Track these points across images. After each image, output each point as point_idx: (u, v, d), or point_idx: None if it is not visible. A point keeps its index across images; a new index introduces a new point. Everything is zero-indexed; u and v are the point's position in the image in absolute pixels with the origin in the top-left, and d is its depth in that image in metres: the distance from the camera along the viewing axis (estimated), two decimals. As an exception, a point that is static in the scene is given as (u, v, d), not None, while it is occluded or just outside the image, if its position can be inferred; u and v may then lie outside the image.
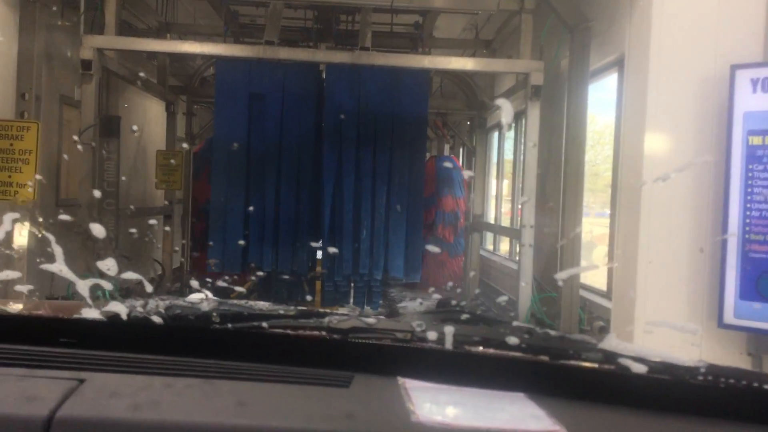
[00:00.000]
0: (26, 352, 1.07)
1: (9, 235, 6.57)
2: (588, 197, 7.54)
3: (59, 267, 1.25)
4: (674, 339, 4.67)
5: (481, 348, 1.20)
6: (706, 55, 4.67)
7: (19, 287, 1.52)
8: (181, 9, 9.72)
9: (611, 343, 1.16)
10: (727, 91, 4.50)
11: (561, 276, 5.04)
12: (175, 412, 0.92)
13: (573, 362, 1.16)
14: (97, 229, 1.60)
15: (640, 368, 1.09)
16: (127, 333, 1.17)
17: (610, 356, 1.14)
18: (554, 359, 1.16)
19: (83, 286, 1.22)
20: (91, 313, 1.17)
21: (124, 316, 1.16)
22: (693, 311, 4.75)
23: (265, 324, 1.23)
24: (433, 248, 8.74)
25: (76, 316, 1.18)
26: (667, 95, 4.78)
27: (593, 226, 7.97)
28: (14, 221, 1.29)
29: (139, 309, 1.24)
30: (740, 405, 1.04)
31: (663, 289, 4.77)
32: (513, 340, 1.18)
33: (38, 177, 6.34)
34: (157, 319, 1.19)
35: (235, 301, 1.50)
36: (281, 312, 1.30)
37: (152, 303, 1.32)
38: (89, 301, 1.25)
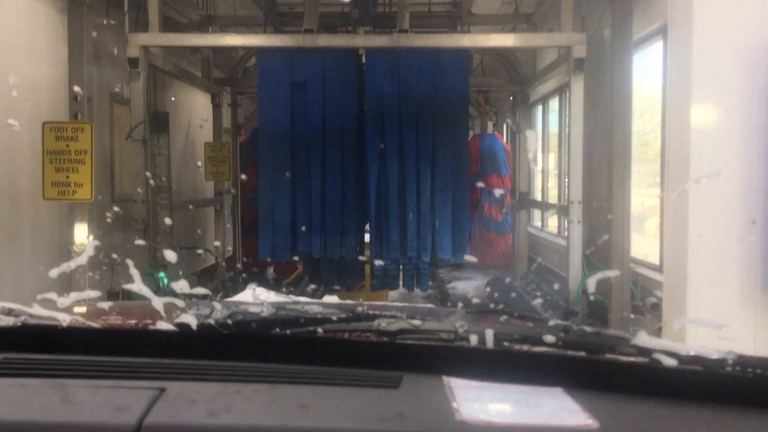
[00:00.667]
0: (111, 363, 1.18)
1: (72, 233, 6.87)
2: (638, 167, 7.43)
3: (138, 287, 1.36)
4: (727, 309, 4.63)
5: (520, 346, 1.26)
6: (752, 22, 4.55)
7: (89, 293, 1.64)
8: (221, 1, 9.87)
9: (643, 338, 1.21)
10: (775, 59, 4.39)
11: (590, 284, 5.04)
12: (246, 417, 1.01)
13: (607, 357, 1.22)
14: (170, 255, 1.71)
15: (671, 361, 1.14)
16: (197, 342, 1.27)
17: (643, 350, 1.19)
18: (589, 354, 1.22)
19: (158, 303, 1.33)
20: (163, 324, 1.28)
21: (194, 326, 1.27)
22: (746, 284, 4.69)
23: (319, 329, 1.31)
24: (480, 228, 8.77)
25: (151, 327, 1.29)
26: (713, 64, 4.68)
27: (645, 197, 7.85)
28: (89, 237, 1.40)
29: (206, 317, 1.34)
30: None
31: (715, 262, 4.71)
32: (550, 337, 1.23)
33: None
34: (223, 327, 1.29)
35: (292, 305, 1.59)
36: (333, 317, 1.38)
37: (217, 310, 1.42)
38: (160, 308, 1.36)
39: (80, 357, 1.21)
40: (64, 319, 1.28)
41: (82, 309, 1.61)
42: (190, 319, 1.26)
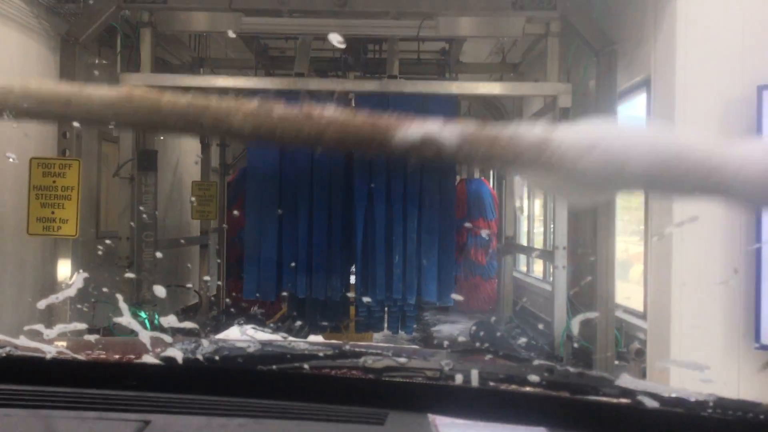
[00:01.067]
0: (96, 395, 1.18)
1: (55, 269, 6.81)
2: (623, 215, 7.52)
3: (127, 320, 1.36)
4: (710, 355, 4.64)
5: (505, 385, 1.27)
6: (733, 76, 4.69)
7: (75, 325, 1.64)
8: (213, 44, 10.00)
9: (626, 379, 1.22)
10: (755, 112, 4.51)
11: (575, 325, 5.08)
12: None
13: (591, 397, 1.23)
14: (159, 290, 1.71)
15: (653, 403, 1.15)
16: (183, 376, 1.27)
17: (626, 392, 1.21)
18: (573, 395, 1.23)
19: (145, 336, 1.33)
20: (149, 358, 1.28)
21: (180, 360, 1.27)
22: (729, 332, 4.73)
23: (305, 365, 1.32)
24: (466, 271, 8.78)
25: (136, 360, 1.29)
26: (694, 116, 4.80)
27: (629, 244, 7.92)
28: (78, 271, 1.41)
29: (192, 352, 1.35)
30: None
31: (698, 310, 4.75)
32: (534, 377, 1.25)
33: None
34: (209, 362, 1.29)
35: (279, 341, 1.59)
36: (320, 353, 1.39)
37: (203, 345, 1.43)
38: (146, 342, 1.36)
39: (65, 389, 1.20)
40: (49, 351, 1.28)
41: (68, 342, 1.60)
42: (176, 353, 1.26)
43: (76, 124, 1.46)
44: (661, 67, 5.25)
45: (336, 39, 1.45)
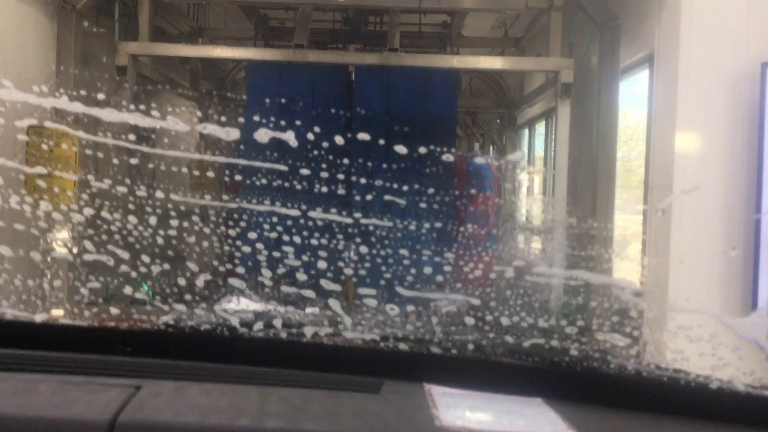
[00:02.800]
0: (86, 360, 1.16)
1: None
2: (622, 193, 7.49)
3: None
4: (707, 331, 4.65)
5: (501, 355, 1.26)
6: (736, 52, 4.63)
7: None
8: (212, 14, 9.88)
9: (622, 351, 1.21)
10: (759, 88, 4.47)
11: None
12: (223, 416, 1.00)
13: (588, 369, 1.22)
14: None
15: (652, 375, 1.14)
16: (176, 342, 1.26)
17: (624, 364, 1.19)
18: (570, 366, 1.22)
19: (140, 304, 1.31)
20: (141, 325, 1.26)
21: (172, 327, 1.25)
22: (726, 311, 4.73)
23: (301, 332, 1.31)
24: (465, 246, 8.77)
25: (128, 327, 1.27)
26: (698, 92, 4.75)
27: (628, 222, 7.91)
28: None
29: (185, 319, 1.33)
30: (749, 409, 1.09)
31: (696, 289, 4.75)
32: (531, 348, 1.23)
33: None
34: (201, 329, 1.28)
35: (273, 310, 1.58)
36: (316, 322, 1.38)
37: (196, 312, 1.41)
38: (139, 308, 1.34)
39: (53, 353, 1.18)
40: (39, 316, 1.26)
41: (60, 308, 1.59)
42: (170, 320, 1.25)
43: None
44: (665, 43, 5.18)
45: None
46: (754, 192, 4.54)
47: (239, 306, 1.59)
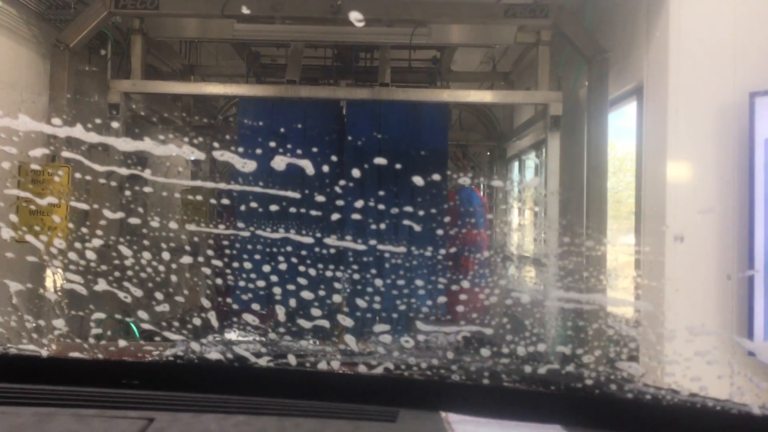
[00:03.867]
0: (97, 393, 1.14)
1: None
2: (612, 224, 7.53)
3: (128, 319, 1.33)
4: (704, 369, 4.63)
5: (518, 381, 1.25)
6: (725, 82, 4.71)
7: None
8: (204, 51, 9.96)
9: (638, 378, 1.20)
10: (748, 119, 4.53)
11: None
12: None
13: (605, 394, 1.21)
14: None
15: (668, 400, 1.13)
16: (187, 374, 1.24)
17: (640, 389, 1.19)
18: (587, 392, 1.21)
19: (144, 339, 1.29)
20: (151, 357, 1.25)
21: (183, 359, 1.23)
22: (721, 339, 4.72)
23: (312, 362, 1.29)
24: (457, 280, 8.75)
25: (138, 360, 1.25)
26: (687, 123, 4.82)
27: (618, 253, 7.93)
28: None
29: (196, 351, 1.31)
30: None
31: (690, 317, 4.74)
32: (548, 374, 1.22)
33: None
34: (213, 360, 1.26)
35: (283, 341, 1.56)
36: (326, 352, 1.36)
37: (206, 344, 1.39)
38: (143, 342, 1.32)
39: (64, 387, 1.16)
40: (46, 350, 1.24)
41: (64, 343, 1.56)
42: (180, 352, 1.23)
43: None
44: (653, 74, 5.27)
45: (355, 17, 1.43)
46: (746, 220, 4.58)
47: (248, 337, 1.58)
